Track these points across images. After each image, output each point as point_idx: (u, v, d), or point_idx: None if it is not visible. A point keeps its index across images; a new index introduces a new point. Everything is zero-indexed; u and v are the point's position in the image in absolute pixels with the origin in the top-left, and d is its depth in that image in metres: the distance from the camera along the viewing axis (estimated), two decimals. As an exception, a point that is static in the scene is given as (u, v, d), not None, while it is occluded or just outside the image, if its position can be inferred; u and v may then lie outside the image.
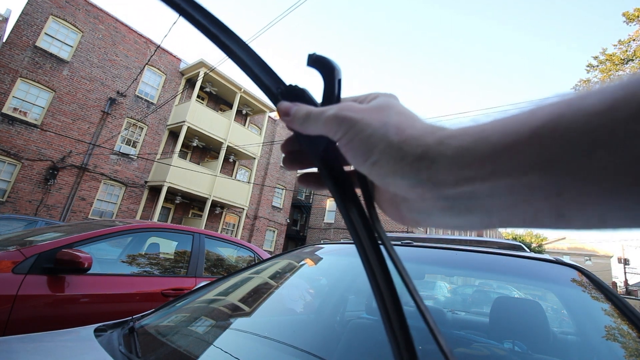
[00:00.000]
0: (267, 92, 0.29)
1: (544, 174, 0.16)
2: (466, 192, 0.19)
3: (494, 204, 0.19)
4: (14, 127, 10.11)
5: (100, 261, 2.49)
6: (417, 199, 0.22)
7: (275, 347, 0.97)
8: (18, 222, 7.11)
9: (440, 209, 0.21)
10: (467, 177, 0.19)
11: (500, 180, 0.18)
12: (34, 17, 10.59)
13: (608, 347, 0.92)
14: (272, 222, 18.94)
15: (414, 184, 0.21)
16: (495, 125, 0.18)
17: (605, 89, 0.15)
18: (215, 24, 0.28)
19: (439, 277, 3.80)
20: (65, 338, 1.01)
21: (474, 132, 0.19)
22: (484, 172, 0.18)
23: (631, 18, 10.66)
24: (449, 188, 0.20)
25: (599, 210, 0.15)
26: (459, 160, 0.19)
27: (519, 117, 0.18)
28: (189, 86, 14.65)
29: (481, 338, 1.18)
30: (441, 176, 0.20)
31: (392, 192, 0.24)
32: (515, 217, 0.18)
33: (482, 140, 0.18)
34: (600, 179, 0.15)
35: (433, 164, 0.20)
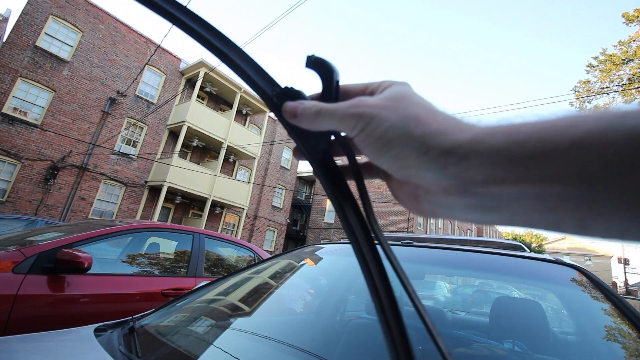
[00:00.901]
0: (263, 95, 0.29)
1: (577, 187, 0.16)
2: (494, 192, 0.19)
3: (520, 207, 0.19)
4: (14, 126, 10.11)
5: (100, 261, 2.48)
6: (441, 192, 0.22)
7: (275, 347, 0.97)
8: (18, 222, 7.11)
9: (464, 204, 0.21)
10: (497, 178, 0.19)
11: (532, 186, 0.17)
12: (34, 17, 10.59)
13: (608, 347, 0.92)
14: (272, 222, 18.94)
15: (439, 177, 0.21)
16: (532, 129, 0.18)
17: None
18: (207, 29, 0.28)
19: (439, 277, 3.79)
20: (65, 338, 1.01)
21: (508, 132, 0.19)
22: (516, 175, 0.18)
23: (631, 19, 10.65)
24: (477, 186, 0.20)
25: (622, 226, 0.16)
26: (492, 160, 0.19)
27: (557, 126, 0.17)
28: (189, 86, 14.64)
29: (481, 338, 1.18)
30: (471, 174, 0.19)
31: (412, 184, 0.24)
32: (539, 221, 0.18)
33: (517, 143, 0.18)
34: (632, 199, 0.15)
35: (463, 161, 0.20)
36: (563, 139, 0.17)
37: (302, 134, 0.28)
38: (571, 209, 0.17)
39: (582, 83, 11.74)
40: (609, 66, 11.03)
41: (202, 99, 15.39)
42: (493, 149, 0.19)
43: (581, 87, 11.72)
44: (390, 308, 0.24)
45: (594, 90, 11.35)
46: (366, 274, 0.25)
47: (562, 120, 0.17)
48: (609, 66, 11.03)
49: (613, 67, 10.95)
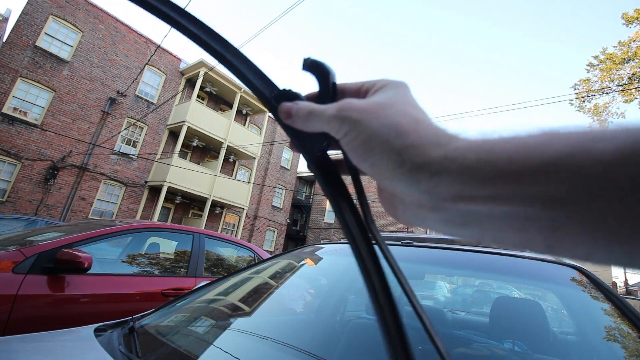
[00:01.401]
0: (261, 97, 0.29)
1: (544, 209, 0.16)
2: (464, 209, 0.19)
3: (490, 225, 0.19)
4: (14, 126, 10.11)
5: (100, 261, 2.48)
6: (414, 204, 0.22)
7: (275, 347, 0.97)
8: (18, 221, 7.11)
9: (436, 218, 0.21)
10: (467, 196, 0.19)
11: (500, 205, 0.17)
12: (34, 17, 10.59)
13: (608, 347, 0.92)
14: (272, 222, 18.93)
15: (412, 191, 0.21)
16: (504, 147, 0.18)
17: (617, 135, 0.15)
18: (206, 31, 0.28)
19: (439, 277, 3.79)
20: (65, 338, 1.01)
21: (480, 151, 0.19)
22: (485, 193, 0.18)
23: (630, 20, 10.65)
24: (447, 202, 0.20)
25: (588, 249, 0.16)
26: (462, 178, 0.19)
27: (528, 145, 0.17)
28: (189, 86, 14.64)
29: (481, 338, 1.18)
30: (441, 190, 0.19)
31: (389, 191, 0.24)
32: (508, 240, 0.19)
33: (487, 162, 0.18)
34: (598, 225, 0.15)
35: (434, 177, 0.20)
36: (531, 160, 0.16)
37: (298, 134, 0.28)
38: (537, 230, 0.17)
39: (582, 82, 11.73)
40: (609, 65, 11.03)
41: (202, 99, 15.38)
42: (463, 167, 0.19)
43: (581, 85, 11.71)
44: (388, 308, 0.24)
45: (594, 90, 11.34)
46: (364, 273, 0.26)
47: (534, 139, 0.17)
48: (609, 65, 11.03)
49: (613, 67, 10.94)
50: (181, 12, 0.28)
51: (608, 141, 0.15)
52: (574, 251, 0.16)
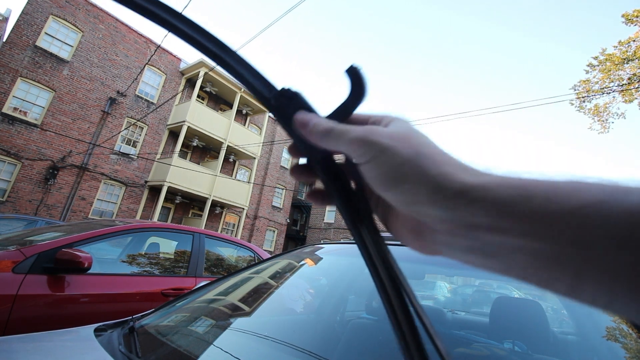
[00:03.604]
0: (260, 97, 0.28)
1: (571, 250, 0.17)
2: (496, 240, 0.19)
3: (517, 259, 0.19)
4: (14, 126, 10.11)
5: (100, 261, 2.49)
6: (446, 232, 0.22)
7: (275, 347, 0.97)
8: (18, 221, 7.12)
9: (466, 247, 0.21)
10: (501, 228, 0.19)
11: (531, 241, 0.18)
12: (34, 17, 10.59)
13: (608, 347, 0.92)
14: (272, 222, 18.94)
15: (447, 217, 0.21)
16: (538, 186, 0.19)
17: None
18: (202, 34, 0.28)
19: (439, 277, 3.79)
20: (65, 338, 1.01)
21: (515, 186, 0.19)
22: (518, 228, 0.18)
23: (630, 20, 10.64)
24: (481, 231, 0.20)
25: (608, 298, 0.16)
26: (498, 208, 0.19)
27: (562, 188, 0.18)
28: (189, 86, 14.64)
29: (481, 338, 1.17)
30: (478, 219, 0.20)
31: (416, 220, 0.24)
32: (532, 277, 0.19)
33: (523, 197, 0.19)
34: (620, 274, 0.15)
35: (472, 204, 0.20)
36: (567, 202, 0.17)
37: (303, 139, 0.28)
38: (562, 271, 0.17)
39: (581, 82, 11.72)
40: (609, 66, 11.02)
41: (202, 99, 15.39)
42: (501, 198, 0.19)
43: (581, 86, 11.71)
44: (400, 307, 0.24)
45: (594, 90, 11.34)
46: (374, 275, 0.26)
47: (568, 184, 0.18)
48: (609, 66, 11.02)
49: (613, 67, 10.94)
50: (175, 14, 0.28)
51: (637, 195, 0.16)
52: (595, 298, 0.17)
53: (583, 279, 0.17)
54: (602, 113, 11.74)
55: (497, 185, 0.20)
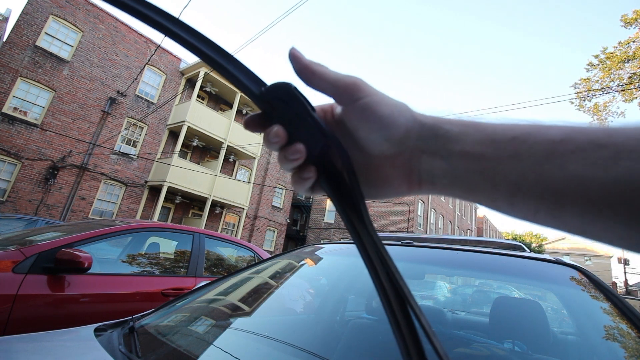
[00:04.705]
0: (249, 94, 0.28)
1: (510, 164, 0.23)
2: (464, 162, 0.26)
3: (474, 179, 0.25)
4: (14, 126, 10.11)
5: (100, 261, 2.49)
6: (427, 155, 0.27)
7: (275, 347, 0.97)
8: (18, 221, 7.11)
9: (441, 167, 0.27)
10: (466, 152, 0.25)
11: (486, 162, 0.24)
12: (34, 17, 10.59)
13: (608, 347, 0.92)
14: (272, 222, 18.94)
15: (423, 147, 0.27)
16: (490, 127, 0.26)
17: (564, 125, 0.23)
18: (185, 29, 0.28)
19: (439, 277, 3.79)
20: (65, 338, 1.01)
21: (471, 125, 0.27)
22: (476, 151, 0.25)
23: (629, 22, 10.63)
24: (453, 156, 0.26)
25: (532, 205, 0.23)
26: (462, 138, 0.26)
27: (506, 126, 0.25)
28: (189, 86, 14.64)
29: (481, 338, 1.18)
30: (450, 147, 0.26)
31: (404, 156, 0.28)
32: (483, 196, 0.26)
33: (478, 130, 0.26)
34: (540, 186, 0.22)
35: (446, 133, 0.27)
36: (507, 133, 0.25)
37: (297, 131, 0.28)
38: (507, 188, 0.24)
39: (582, 80, 11.71)
40: (609, 65, 11.01)
41: (202, 99, 15.38)
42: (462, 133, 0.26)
43: (581, 84, 11.70)
44: (398, 307, 0.24)
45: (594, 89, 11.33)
46: (372, 274, 0.26)
47: (507, 124, 0.26)
48: (609, 65, 11.01)
49: (613, 66, 10.93)
50: (162, 13, 0.27)
51: (555, 130, 0.23)
52: (526, 208, 0.24)
53: (519, 193, 0.23)
54: (602, 112, 11.74)
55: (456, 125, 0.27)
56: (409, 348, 0.23)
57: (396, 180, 0.29)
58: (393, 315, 0.24)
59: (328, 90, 0.28)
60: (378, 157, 0.29)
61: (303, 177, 0.29)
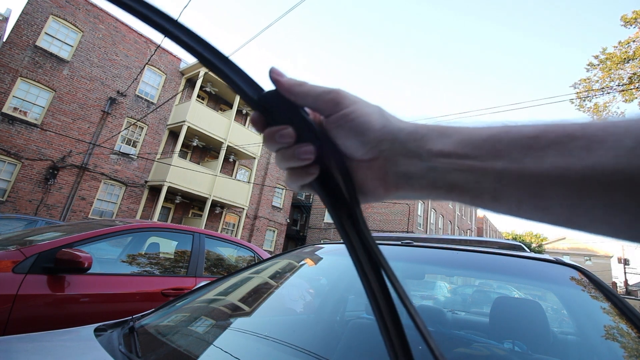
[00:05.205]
0: (248, 100, 0.29)
1: (491, 163, 0.24)
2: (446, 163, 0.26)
3: (456, 177, 0.26)
4: (14, 126, 10.11)
5: (100, 261, 2.48)
6: (405, 158, 0.28)
7: (275, 347, 0.97)
8: (18, 221, 7.11)
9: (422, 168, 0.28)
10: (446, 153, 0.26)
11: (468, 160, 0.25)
12: (34, 17, 10.59)
13: (608, 347, 0.92)
14: (272, 222, 18.93)
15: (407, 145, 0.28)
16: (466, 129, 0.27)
17: (537, 123, 0.24)
18: (186, 33, 0.28)
19: (439, 277, 3.80)
20: (65, 338, 1.01)
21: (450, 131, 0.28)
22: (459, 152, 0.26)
23: (629, 22, 10.63)
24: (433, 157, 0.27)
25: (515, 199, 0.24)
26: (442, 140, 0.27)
27: (479, 128, 0.26)
28: (189, 86, 14.64)
29: (481, 338, 1.18)
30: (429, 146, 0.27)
31: (381, 160, 0.29)
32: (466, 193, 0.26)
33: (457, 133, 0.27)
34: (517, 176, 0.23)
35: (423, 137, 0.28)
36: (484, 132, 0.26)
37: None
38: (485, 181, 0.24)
39: (582, 81, 11.71)
40: (609, 65, 11.01)
41: (202, 99, 15.38)
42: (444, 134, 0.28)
43: (581, 84, 11.69)
44: (387, 309, 0.24)
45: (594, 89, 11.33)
46: (361, 275, 0.26)
47: (482, 128, 0.26)
48: (609, 65, 11.01)
49: (613, 66, 10.93)
50: (157, 12, 0.27)
51: (529, 127, 0.24)
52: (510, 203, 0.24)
53: (502, 188, 0.24)
54: (602, 112, 11.73)
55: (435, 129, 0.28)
56: (395, 347, 0.23)
57: (372, 184, 0.30)
58: (381, 317, 0.24)
59: (310, 105, 0.30)
60: (356, 162, 0.30)
61: (310, 172, 0.31)
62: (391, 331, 0.24)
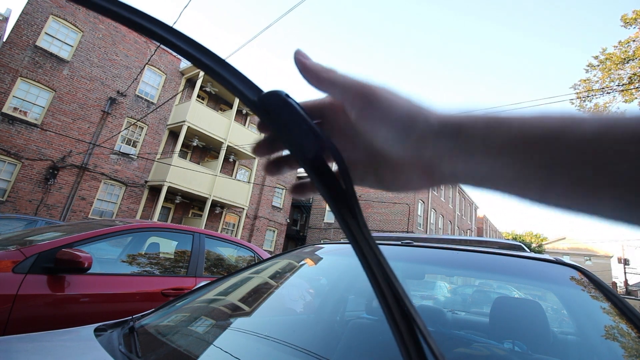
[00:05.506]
0: (246, 101, 0.28)
1: (540, 170, 0.21)
2: (486, 159, 0.24)
3: (503, 175, 0.24)
4: (14, 126, 10.11)
5: (100, 261, 2.49)
6: (451, 163, 0.26)
7: (275, 347, 0.97)
8: (18, 221, 7.12)
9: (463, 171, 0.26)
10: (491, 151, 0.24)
11: (512, 159, 0.23)
12: (34, 17, 10.59)
13: (608, 347, 0.92)
14: (272, 222, 18.94)
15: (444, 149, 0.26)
16: (513, 120, 0.23)
17: (598, 118, 0.20)
18: (181, 38, 0.28)
19: (439, 277, 3.80)
20: (65, 338, 1.01)
21: (491, 121, 0.24)
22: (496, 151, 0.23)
23: (629, 22, 10.63)
24: (471, 152, 0.25)
25: (570, 202, 0.21)
26: (482, 138, 0.24)
27: (532, 119, 0.23)
28: (189, 86, 14.64)
29: (481, 338, 1.18)
30: (473, 149, 0.25)
31: (425, 159, 0.27)
32: (513, 190, 0.24)
33: (501, 128, 0.24)
34: (573, 183, 0.20)
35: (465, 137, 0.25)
36: (535, 130, 0.22)
37: (291, 136, 0.28)
38: (538, 181, 0.22)
39: (582, 82, 11.71)
40: (609, 65, 11.02)
41: (202, 99, 15.38)
42: (482, 129, 0.24)
43: (581, 85, 11.70)
44: (395, 306, 0.24)
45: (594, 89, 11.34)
46: (369, 274, 0.26)
47: (535, 117, 0.23)
48: (609, 65, 11.02)
49: (613, 67, 10.93)
50: (154, 22, 0.27)
51: (589, 122, 0.20)
52: (559, 201, 0.22)
53: (549, 187, 0.21)
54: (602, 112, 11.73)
55: (474, 120, 0.25)
56: (408, 349, 0.23)
57: (416, 180, 0.29)
58: (392, 316, 0.24)
59: (338, 95, 0.28)
60: (397, 158, 0.28)
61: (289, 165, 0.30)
62: (401, 328, 0.24)
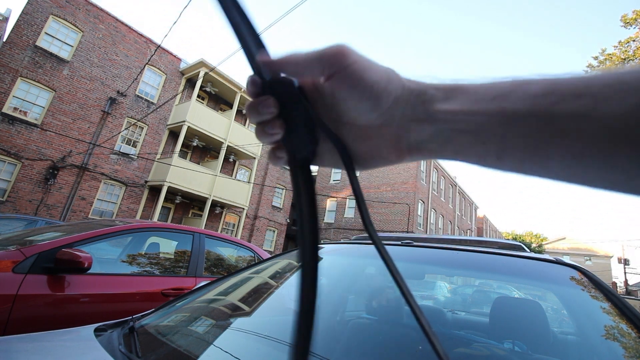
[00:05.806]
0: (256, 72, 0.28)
1: (496, 123, 0.23)
2: (451, 119, 0.25)
3: (462, 140, 0.25)
4: (14, 126, 10.11)
5: (100, 261, 2.48)
6: (414, 122, 0.27)
7: (275, 347, 0.97)
8: (18, 221, 7.11)
9: (428, 130, 0.27)
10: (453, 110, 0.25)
11: (472, 117, 0.25)
12: (34, 17, 10.59)
13: (608, 347, 0.92)
14: (272, 222, 18.93)
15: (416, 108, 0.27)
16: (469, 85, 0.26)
17: (544, 78, 0.23)
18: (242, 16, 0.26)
19: (439, 277, 3.80)
20: (65, 338, 1.01)
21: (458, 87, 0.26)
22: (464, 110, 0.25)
23: (629, 22, 10.63)
24: (436, 114, 0.26)
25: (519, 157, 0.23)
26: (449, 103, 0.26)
27: (487, 84, 0.25)
28: (189, 86, 14.64)
29: (481, 338, 1.18)
30: (437, 112, 0.26)
31: (393, 126, 0.28)
32: (470, 154, 0.26)
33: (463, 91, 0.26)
34: (525, 140, 0.22)
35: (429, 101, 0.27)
36: (489, 91, 0.25)
37: (290, 133, 0.29)
38: (494, 143, 0.24)
39: None
40: (609, 66, 11.02)
41: (202, 99, 15.38)
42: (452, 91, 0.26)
43: None
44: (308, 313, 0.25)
45: None
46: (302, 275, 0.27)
47: (494, 84, 0.25)
48: (609, 66, 11.02)
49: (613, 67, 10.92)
50: None
51: (535, 83, 0.23)
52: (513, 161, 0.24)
53: (506, 148, 0.23)
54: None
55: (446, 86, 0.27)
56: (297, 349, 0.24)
57: (385, 150, 0.29)
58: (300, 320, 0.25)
59: (310, 68, 0.27)
60: (366, 127, 0.28)
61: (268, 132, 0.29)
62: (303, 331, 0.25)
